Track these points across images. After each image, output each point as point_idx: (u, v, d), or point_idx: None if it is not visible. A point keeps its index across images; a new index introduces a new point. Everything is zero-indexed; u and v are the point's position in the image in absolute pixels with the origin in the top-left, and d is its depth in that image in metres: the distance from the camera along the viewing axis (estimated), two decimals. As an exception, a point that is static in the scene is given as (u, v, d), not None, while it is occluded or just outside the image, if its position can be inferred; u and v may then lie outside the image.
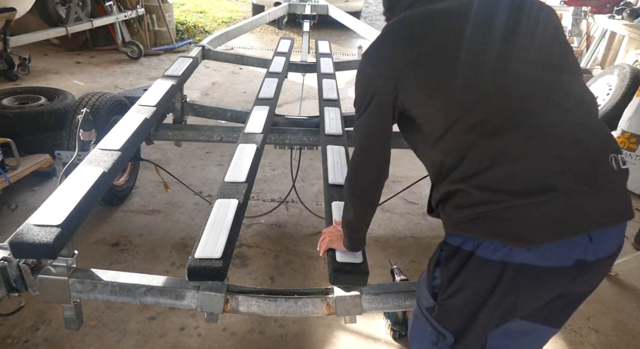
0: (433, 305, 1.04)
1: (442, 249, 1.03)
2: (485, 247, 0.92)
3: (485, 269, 0.93)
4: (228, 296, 1.34)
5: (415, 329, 1.16)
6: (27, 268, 1.31)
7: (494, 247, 0.91)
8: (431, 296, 1.04)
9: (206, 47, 3.44)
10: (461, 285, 0.98)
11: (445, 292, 1.01)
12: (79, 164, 1.64)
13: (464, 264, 0.95)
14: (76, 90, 4.41)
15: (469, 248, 0.94)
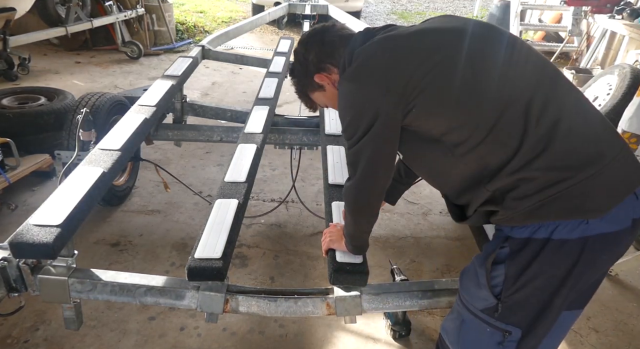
0: (495, 304, 1.03)
1: (503, 246, 1.02)
2: (562, 229, 0.94)
3: (563, 250, 0.96)
4: (228, 296, 1.34)
5: (468, 335, 1.12)
6: (26, 268, 1.31)
7: (571, 226, 0.94)
8: (493, 295, 1.03)
9: (206, 47, 3.43)
10: (533, 275, 0.98)
11: (512, 287, 1.00)
12: (79, 164, 1.64)
13: (538, 253, 0.97)
14: (76, 90, 4.40)
15: (543, 235, 0.96)
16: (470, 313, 1.09)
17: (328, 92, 1.23)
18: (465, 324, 1.11)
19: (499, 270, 1.02)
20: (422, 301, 1.41)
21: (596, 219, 0.94)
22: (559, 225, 0.95)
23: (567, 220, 0.95)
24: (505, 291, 1.01)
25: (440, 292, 1.41)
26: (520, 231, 0.99)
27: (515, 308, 1.02)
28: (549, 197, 0.94)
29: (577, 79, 4.59)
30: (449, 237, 2.69)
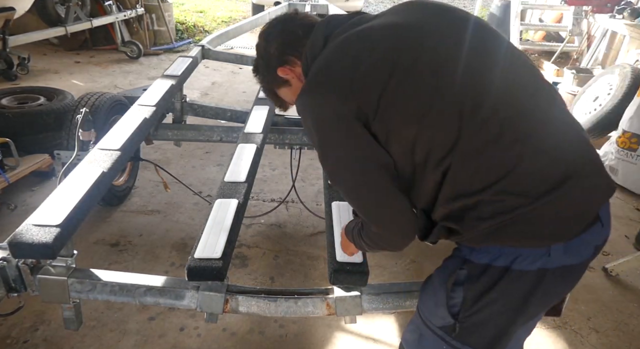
0: (452, 324, 1.00)
1: (462, 268, 0.98)
2: (522, 259, 0.90)
3: (521, 280, 0.91)
4: (228, 296, 1.34)
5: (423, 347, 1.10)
6: (26, 268, 1.31)
7: (532, 257, 0.90)
8: (450, 315, 1.00)
9: (206, 46, 3.43)
10: (490, 301, 0.95)
11: (470, 309, 0.97)
12: (79, 164, 1.64)
13: (497, 281, 0.92)
14: (75, 90, 4.40)
15: (503, 264, 0.91)
16: (428, 329, 1.07)
17: (294, 87, 1.12)
18: (424, 338, 1.09)
19: (457, 291, 0.98)
20: (423, 301, 1.40)
21: (558, 251, 0.89)
22: (520, 255, 0.90)
23: (525, 248, 0.90)
24: (463, 312, 0.98)
25: (441, 292, 1.41)
26: (479, 256, 0.95)
27: (473, 329, 0.99)
28: (505, 221, 0.87)
29: (578, 79, 4.58)
30: (449, 237, 2.68)
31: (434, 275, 1.10)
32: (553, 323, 2.10)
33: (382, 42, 0.94)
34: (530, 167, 0.87)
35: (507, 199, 0.87)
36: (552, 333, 2.05)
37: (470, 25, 0.98)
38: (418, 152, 0.91)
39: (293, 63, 1.10)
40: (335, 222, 1.62)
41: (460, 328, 0.99)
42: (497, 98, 0.89)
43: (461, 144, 0.87)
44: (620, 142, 3.40)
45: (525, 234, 0.89)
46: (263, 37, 1.13)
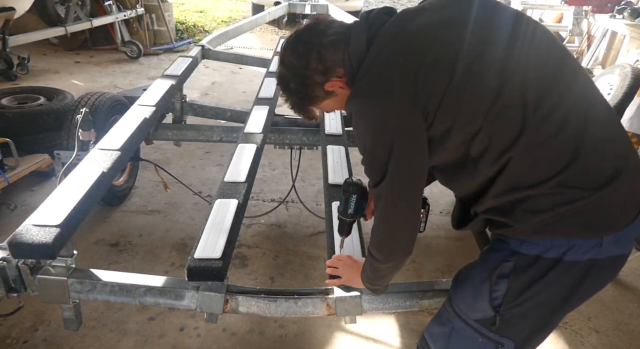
0: (492, 316, 1.00)
1: (508, 260, 0.98)
2: (575, 250, 0.92)
3: (571, 271, 0.93)
4: (228, 296, 1.34)
5: (457, 342, 1.09)
6: (26, 268, 1.31)
7: (585, 248, 0.91)
8: (491, 307, 1.00)
9: (206, 46, 3.43)
10: (536, 292, 0.95)
11: (513, 302, 0.97)
12: (78, 164, 1.64)
13: (547, 272, 0.94)
14: (75, 90, 4.40)
15: (555, 255, 0.93)
16: (462, 322, 1.06)
17: (340, 96, 1.07)
18: (456, 332, 1.08)
19: (501, 284, 0.98)
20: (423, 301, 1.40)
21: (610, 242, 0.92)
22: (574, 246, 0.92)
23: (579, 238, 0.91)
24: (505, 305, 0.98)
25: (441, 292, 1.40)
26: (529, 247, 0.95)
27: (513, 321, 1.00)
28: (561, 213, 0.90)
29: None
30: (449, 237, 2.68)
31: (472, 269, 1.08)
32: (553, 323, 2.10)
33: (439, 41, 0.92)
34: (587, 161, 0.89)
35: (565, 192, 0.89)
36: (552, 333, 2.05)
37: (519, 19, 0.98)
38: (476, 146, 0.92)
39: (338, 73, 1.03)
40: (335, 222, 1.61)
41: (500, 321, 0.99)
42: (556, 93, 0.90)
43: (523, 139, 0.88)
44: (620, 142, 3.40)
45: (580, 226, 0.91)
46: (295, 55, 1.03)
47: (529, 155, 0.89)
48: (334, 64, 1.02)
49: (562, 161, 0.89)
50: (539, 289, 0.95)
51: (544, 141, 0.89)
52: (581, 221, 0.91)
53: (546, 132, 0.88)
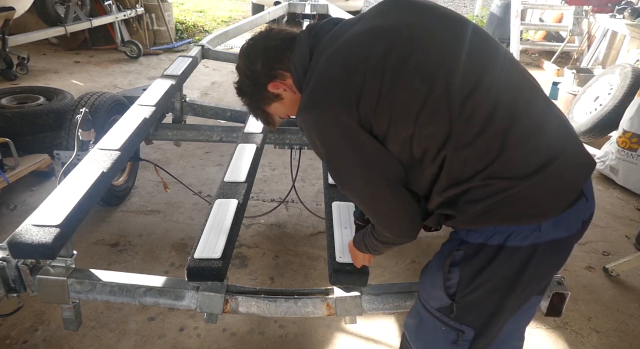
0: (449, 304, 1.04)
1: (459, 249, 1.03)
2: (515, 236, 0.96)
3: (515, 256, 0.97)
4: (227, 296, 1.34)
5: (425, 333, 1.14)
6: (25, 269, 1.31)
7: (525, 233, 0.95)
8: (447, 296, 1.04)
9: (206, 46, 3.43)
10: (486, 278, 1.00)
11: (465, 289, 1.02)
12: (78, 164, 1.64)
13: (492, 259, 0.98)
14: (75, 89, 4.40)
15: (498, 242, 0.97)
16: (427, 312, 1.11)
17: (287, 99, 1.14)
18: (423, 321, 1.13)
19: (454, 272, 1.03)
20: (423, 301, 1.40)
21: (548, 226, 0.95)
22: (513, 232, 0.96)
23: (516, 225, 0.95)
24: (459, 292, 1.03)
25: (441, 292, 1.41)
26: (475, 236, 1.00)
27: (469, 308, 1.03)
28: (496, 202, 0.94)
29: (578, 79, 4.58)
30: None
31: (432, 259, 1.14)
32: (554, 323, 2.09)
33: (371, 49, 0.97)
34: (515, 153, 0.93)
35: (495, 183, 0.94)
36: (552, 333, 2.05)
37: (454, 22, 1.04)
38: (416, 148, 0.97)
39: (282, 76, 1.11)
40: (335, 222, 1.61)
41: (457, 308, 1.04)
42: (480, 94, 0.94)
43: (453, 138, 0.94)
44: (620, 142, 3.40)
45: (514, 214, 0.95)
46: (244, 57, 1.13)
47: (461, 152, 0.94)
48: (278, 67, 1.10)
49: (491, 155, 0.93)
50: (488, 275, 0.99)
51: (472, 139, 0.93)
52: (514, 209, 0.95)
53: (473, 130, 0.93)
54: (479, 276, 1.00)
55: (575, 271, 2.48)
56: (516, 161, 0.94)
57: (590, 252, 2.65)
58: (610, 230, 2.89)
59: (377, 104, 0.94)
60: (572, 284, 2.35)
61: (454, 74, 0.93)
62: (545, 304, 1.38)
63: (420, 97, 0.93)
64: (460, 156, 0.94)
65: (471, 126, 0.93)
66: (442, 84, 0.93)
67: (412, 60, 0.94)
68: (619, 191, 3.37)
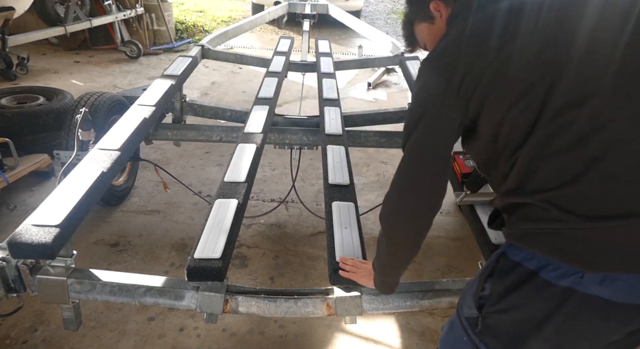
0: (476, 316, 1.00)
1: (499, 261, 0.97)
2: (552, 270, 0.85)
3: (546, 293, 0.87)
4: (227, 296, 1.33)
5: (449, 335, 1.13)
6: (25, 269, 1.31)
7: (563, 271, 0.84)
8: (475, 306, 1.00)
9: (205, 46, 3.43)
10: (514, 304, 0.92)
11: (494, 306, 0.96)
12: (78, 164, 1.64)
13: (522, 283, 0.90)
14: (75, 89, 4.39)
15: (533, 267, 0.88)
16: (458, 317, 1.09)
17: (435, 27, 1.10)
18: (453, 326, 1.11)
19: (488, 283, 0.98)
20: (423, 301, 1.40)
21: (594, 278, 0.82)
22: (551, 264, 0.86)
23: (559, 262, 0.85)
24: (487, 307, 0.97)
25: (441, 292, 1.41)
26: (514, 252, 0.93)
27: (492, 329, 0.98)
28: (551, 229, 0.86)
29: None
30: (449, 237, 2.68)
31: None
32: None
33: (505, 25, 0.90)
34: (591, 188, 0.82)
35: (552, 210, 0.85)
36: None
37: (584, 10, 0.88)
38: (500, 139, 0.93)
39: (447, 2, 1.06)
40: (335, 222, 1.61)
41: (482, 324, 0.99)
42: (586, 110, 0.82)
43: (530, 142, 0.87)
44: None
45: (560, 250, 0.85)
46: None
47: (534, 161, 0.87)
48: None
49: (561, 179, 0.84)
50: (516, 301, 0.92)
51: (551, 153, 0.85)
52: (562, 245, 0.85)
53: (556, 144, 0.84)
54: (508, 297, 0.93)
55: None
56: (587, 199, 0.82)
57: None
58: None
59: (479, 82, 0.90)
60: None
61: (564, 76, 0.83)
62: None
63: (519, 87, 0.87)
64: (531, 165, 0.87)
65: (557, 139, 0.84)
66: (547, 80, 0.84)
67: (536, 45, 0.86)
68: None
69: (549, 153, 0.85)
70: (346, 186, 1.75)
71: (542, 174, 0.86)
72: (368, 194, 3.07)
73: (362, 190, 3.10)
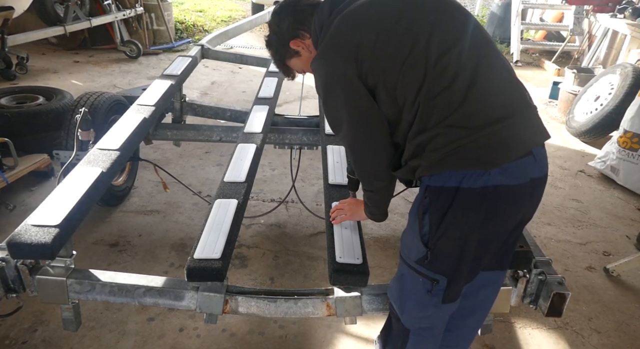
0: (425, 253, 1.14)
1: (426, 196, 1.13)
2: (468, 178, 1.07)
3: (470, 199, 1.08)
4: (227, 296, 1.33)
5: (405, 287, 1.23)
6: (25, 269, 1.31)
7: (476, 176, 1.07)
8: (423, 244, 1.14)
9: (205, 46, 3.42)
10: (450, 221, 1.10)
11: (436, 234, 1.11)
12: (77, 164, 1.63)
13: (451, 200, 1.09)
14: (74, 89, 4.39)
15: (454, 184, 1.08)
16: (407, 266, 1.20)
17: (303, 57, 1.34)
18: (404, 277, 1.23)
19: (426, 219, 1.13)
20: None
21: (496, 172, 1.06)
22: (466, 176, 1.07)
23: (468, 169, 1.07)
24: (431, 238, 1.12)
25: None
26: (435, 179, 1.11)
27: (440, 255, 1.13)
28: (452, 149, 1.07)
29: (579, 79, 4.57)
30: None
31: (409, 216, 1.23)
32: (554, 323, 2.09)
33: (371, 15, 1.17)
34: (472, 108, 1.08)
35: (453, 132, 1.08)
36: (553, 333, 2.05)
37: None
38: (399, 96, 1.13)
39: (303, 36, 1.31)
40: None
41: (430, 255, 1.13)
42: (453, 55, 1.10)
43: (425, 87, 1.10)
44: (621, 142, 3.39)
45: (467, 159, 1.07)
46: (276, 16, 1.34)
47: (431, 101, 1.09)
48: (300, 27, 1.30)
49: (453, 106, 1.08)
50: (450, 219, 1.09)
51: (441, 91, 1.09)
52: (467, 156, 1.07)
53: (442, 84, 1.09)
54: (444, 220, 1.09)
55: (575, 271, 2.48)
56: (472, 114, 1.08)
57: (590, 253, 2.65)
58: (611, 230, 2.89)
59: (371, 55, 1.12)
60: (572, 284, 2.34)
61: (434, 36, 1.11)
62: (546, 304, 1.38)
63: (405, 50, 1.10)
64: (430, 104, 1.09)
65: (441, 80, 1.09)
66: (424, 42, 1.10)
67: (403, 21, 1.13)
68: (619, 191, 3.37)
69: (439, 91, 1.09)
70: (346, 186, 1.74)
71: (439, 108, 1.09)
72: (368, 194, 3.07)
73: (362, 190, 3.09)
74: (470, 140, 1.06)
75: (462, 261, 1.13)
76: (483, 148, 1.07)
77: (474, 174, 1.07)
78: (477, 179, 1.07)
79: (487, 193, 1.07)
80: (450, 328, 1.34)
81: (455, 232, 1.11)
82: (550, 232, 2.80)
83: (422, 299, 1.18)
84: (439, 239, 1.11)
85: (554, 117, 4.82)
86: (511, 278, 1.45)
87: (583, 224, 2.92)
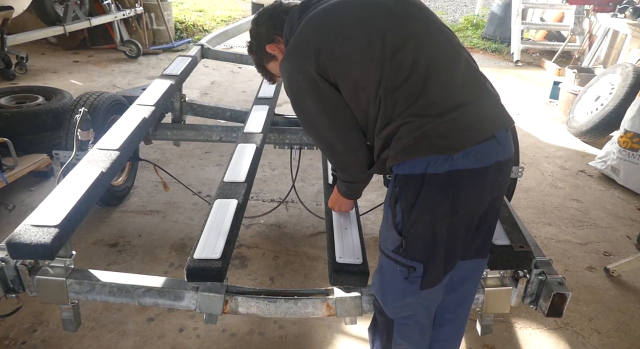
0: (400, 242, 1.17)
1: (396, 185, 1.17)
2: (433, 164, 1.11)
3: (437, 184, 1.12)
4: (227, 297, 1.33)
5: (384, 277, 1.26)
6: (24, 269, 1.31)
7: (440, 161, 1.11)
8: (397, 233, 1.17)
9: (205, 46, 3.42)
10: (420, 209, 1.13)
11: (408, 221, 1.15)
12: (77, 164, 1.63)
13: (420, 187, 1.12)
14: (74, 89, 4.39)
15: (420, 170, 1.12)
16: (385, 257, 1.23)
17: (279, 60, 1.38)
18: (383, 268, 1.26)
19: (398, 208, 1.17)
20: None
21: (459, 157, 1.10)
22: (431, 161, 1.11)
23: (432, 155, 1.11)
24: (405, 227, 1.16)
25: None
26: (403, 168, 1.15)
27: (414, 242, 1.16)
28: (416, 137, 1.11)
29: (579, 78, 4.57)
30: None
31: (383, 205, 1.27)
32: (554, 324, 2.09)
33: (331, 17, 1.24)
34: (432, 97, 1.13)
35: (415, 121, 1.12)
36: (553, 333, 2.04)
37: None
38: (362, 93, 1.18)
39: (278, 41, 1.38)
40: (335, 223, 1.61)
41: (405, 243, 1.16)
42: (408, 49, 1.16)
43: (384, 81, 1.15)
44: (622, 142, 3.39)
45: (430, 145, 1.11)
46: (254, 23, 1.42)
47: (392, 94, 1.14)
48: (275, 32, 1.37)
49: (413, 97, 1.13)
50: (420, 206, 1.13)
51: (400, 84, 1.14)
52: (430, 142, 1.11)
53: (401, 77, 1.14)
54: (415, 207, 1.13)
55: (576, 271, 2.47)
56: (432, 103, 1.13)
57: (591, 253, 2.64)
58: (611, 230, 2.88)
59: (331, 55, 1.17)
60: (573, 284, 2.34)
61: (389, 33, 1.17)
62: (546, 305, 1.38)
63: (362, 48, 1.16)
64: (391, 97, 1.14)
65: (399, 73, 1.14)
66: (380, 39, 1.16)
67: (361, 21, 1.19)
68: (620, 191, 3.37)
69: (399, 83, 1.14)
70: None
71: (401, 100, 1.14)
72: (368, 194, 3.06)
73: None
74: (432, 127, 1.11)
75: (435, 246, 1.16)
76: (444, 134, 1.11)
77: (439, 160, 1.11)
78: (442, 164, 1.11)
79: (453, 177, 1.11)
80: (441, 322, 1.36)
81: (426, 218, 1.14)
82: (551, 233, 2.79)
83: (401, 287, 1.21)
84: (411, 227, 1.15)
85: (555, 117, 4.82)
86: (511, 278, 1.45)
87: (583, 224, 2.92)
